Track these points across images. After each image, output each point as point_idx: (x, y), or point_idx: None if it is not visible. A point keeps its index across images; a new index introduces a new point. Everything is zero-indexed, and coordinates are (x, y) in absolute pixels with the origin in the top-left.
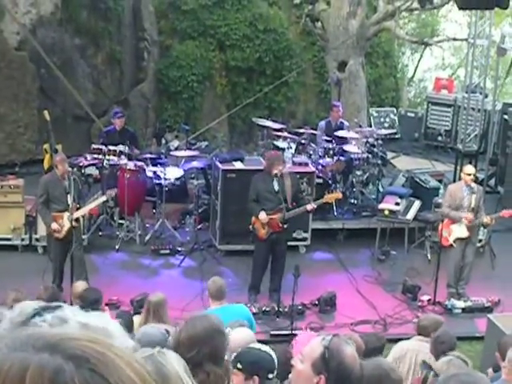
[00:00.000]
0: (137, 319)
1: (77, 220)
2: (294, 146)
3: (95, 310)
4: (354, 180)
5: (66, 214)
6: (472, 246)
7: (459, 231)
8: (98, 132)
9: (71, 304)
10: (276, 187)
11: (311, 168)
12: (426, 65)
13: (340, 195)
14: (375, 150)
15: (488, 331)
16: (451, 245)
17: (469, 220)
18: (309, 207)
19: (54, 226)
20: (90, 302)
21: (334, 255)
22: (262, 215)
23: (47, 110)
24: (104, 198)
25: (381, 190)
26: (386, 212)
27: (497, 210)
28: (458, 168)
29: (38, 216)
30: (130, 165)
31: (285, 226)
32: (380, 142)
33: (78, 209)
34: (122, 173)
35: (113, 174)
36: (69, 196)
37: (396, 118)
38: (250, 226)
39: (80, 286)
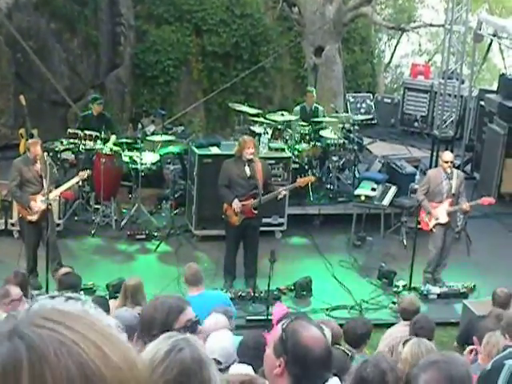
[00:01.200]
0: (112, 303)
1: (50, 203)
2: (270, 131)
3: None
4: (330, 165)
5: (39, 197)
6: (451, 232)
7: (439, 216)
8: (75, 117)
9: (46, 288)
10: (248, 172)
11: (287, 153)
12: (402, 51)
13: (312, 179)
14: (351, 135)
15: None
16: (431, 230)
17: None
18: (280, 193)
19: (33, 204)
20: (66, 288)
21: (310, 240)
22: (236, 203)
23: (23, 94)
24: (76, 179)
25: (357, 175)
26: (362, 197)
27: (473, 195)
28: (435, 154)
29: (14, 201)
30: (106, 149)
31: (257, 211)
32: (356, 127)
33: (50, 192)
34: (98, 157)
35: (88, 159)
36: (44, 179)
37: (372, 104)
38: (223, 214)
39: (65, 271)
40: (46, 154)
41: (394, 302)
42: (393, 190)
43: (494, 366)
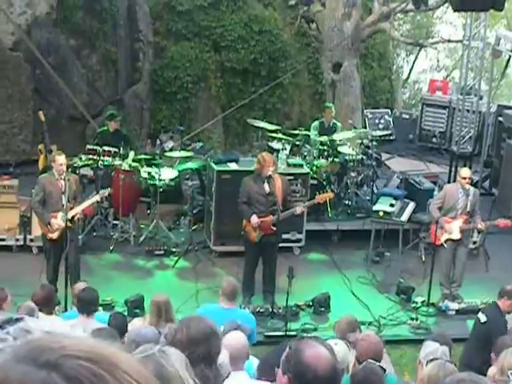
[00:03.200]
0: (139, 322)
1: (71, 221)
2: (288, 147)
3: (93, 311)
4: (348, 181)
5: (60, 214)
6: (463, 248)
7: (452, 232)
8: (93, 132)
9: (65, 304)
10: (267, 189)
11: (305, 169)
12: (420, 66)
13: (331, 195)
14: (370, 151)
15: None
16: (442, 244)
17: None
18: (298, 210)
19: (54, 221)
20: (87, 303)
21: (328, 256)
22: (254, 219)
23: (42, 110)
24: (97, 198)
25: (375, 191)
26: (381, 213)
27: (491, 211)
28: (453, 170)
29: (33, 216)
30: (125, 165)
31: (276, 228)
32: (374, 143)
33: (71, 209)
34: (117, 173)
35: (107, 175)
36: (63, 196)
37: (391, 120)
38: (242, 231)
39: (81, 286)
40: (66, 169)
41: (412, 318)
42: (411, 205)
43: None
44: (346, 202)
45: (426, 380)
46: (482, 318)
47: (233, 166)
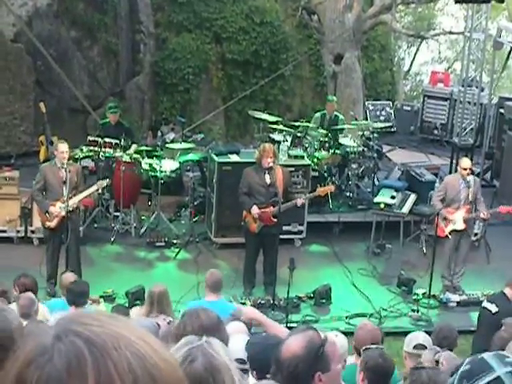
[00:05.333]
0: (136, 311)
1: (72, 211)
2: (289, 138)
3: (82, 303)
4: (349, 173)
5: (59, 204)
6: (467, 239)
7: (456, 222)
8: (94, 124)
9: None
10: (268, 180)
11: (307, 161)
12: (422, 58)
13: (332, 188)
14: (371, 143)
15: None
16: (447, 236)
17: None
18: (299, 202)
19: (52, 209)
20: (76, 295)
21: (329, 248)
22: (254, 209)
23: (43, 102)
24: (95, 188)
25: (376, 183)
26: (382, 205)
27: (493, 203)
28: (454, 161)
29: (34, 208)
30: (126, 157)
31: (276, 219)
32: (376, 135)
33: (70, 199)
34: (118, 165)
35: (108, 167)
36: (64, 186)
37: (392, 112)
38: (242, 221)
39: (69, 277)
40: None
41: (413, 310)
42: (412, 197)
43: None
44: (348, 194)
45: None
46: (493, 308)
47: (234, 158)
